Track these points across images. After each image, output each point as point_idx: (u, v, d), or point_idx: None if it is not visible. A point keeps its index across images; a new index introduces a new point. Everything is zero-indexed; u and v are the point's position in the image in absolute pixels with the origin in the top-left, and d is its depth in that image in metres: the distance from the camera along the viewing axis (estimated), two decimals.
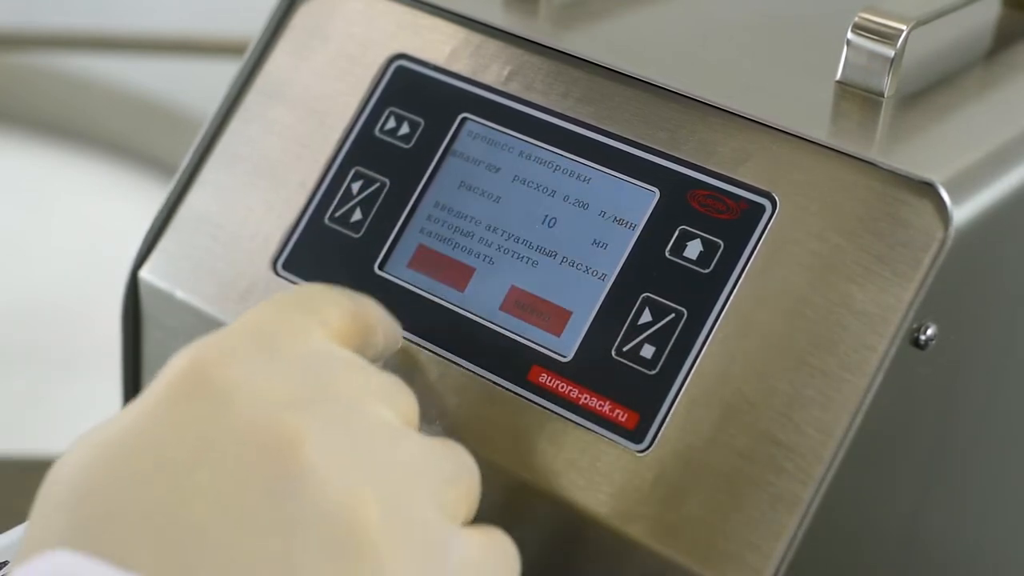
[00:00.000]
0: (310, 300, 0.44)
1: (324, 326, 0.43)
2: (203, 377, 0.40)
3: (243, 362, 0.40)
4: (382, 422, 0.41)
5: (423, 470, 0.41)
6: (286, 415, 0.39)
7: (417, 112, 0.54)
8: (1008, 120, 0.52)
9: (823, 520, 0.45)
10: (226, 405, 0.39)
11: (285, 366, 0.41)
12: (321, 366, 0.41)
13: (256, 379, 0.40)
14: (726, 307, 0.47)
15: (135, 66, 2.20)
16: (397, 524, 0.39)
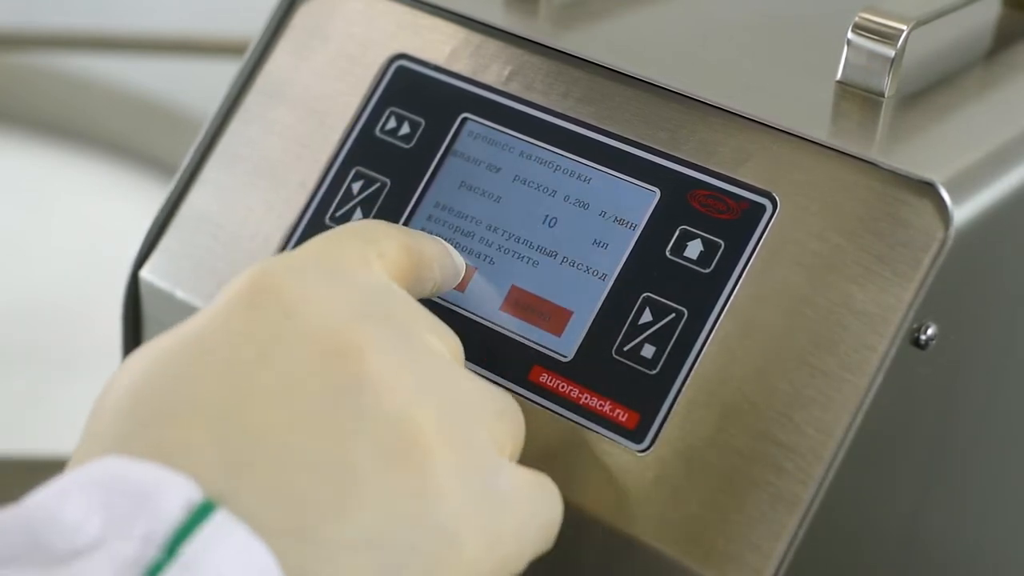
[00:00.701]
0: (369, 231, 0.45)
1: (382, 257, 0.44)
2: (268, 287, 0.40)
3: (308, 278, 0.41)
4: (436, 352, 0.42)
5: (477, 400, 0.42)
6: (350, 327, 0.40)
7: (417, 112, 0.54)
8: (1008, 120, 0.52)
9: (823, 520, 0.45)
10: (291, 313, 0.40)
11: (345, 288, 0.41)
12: (378, 293, 0.42)
13: (320, 294, 0.40)
14: (726, 307, 0.47)
15: (135, 66, 2.20)
16: (452, 440, 0.39)
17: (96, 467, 0.36)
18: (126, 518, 0.35)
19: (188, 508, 0.35)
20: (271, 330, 0.39)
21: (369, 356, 0.39)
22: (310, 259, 0.42)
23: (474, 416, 0.41)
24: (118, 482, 0.36)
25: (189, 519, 0.35)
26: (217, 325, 0.40)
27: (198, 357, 0.39)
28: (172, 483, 0.36)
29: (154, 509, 0.35)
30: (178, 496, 0.35)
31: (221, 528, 0.35)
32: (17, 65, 2.40)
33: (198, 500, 0.36)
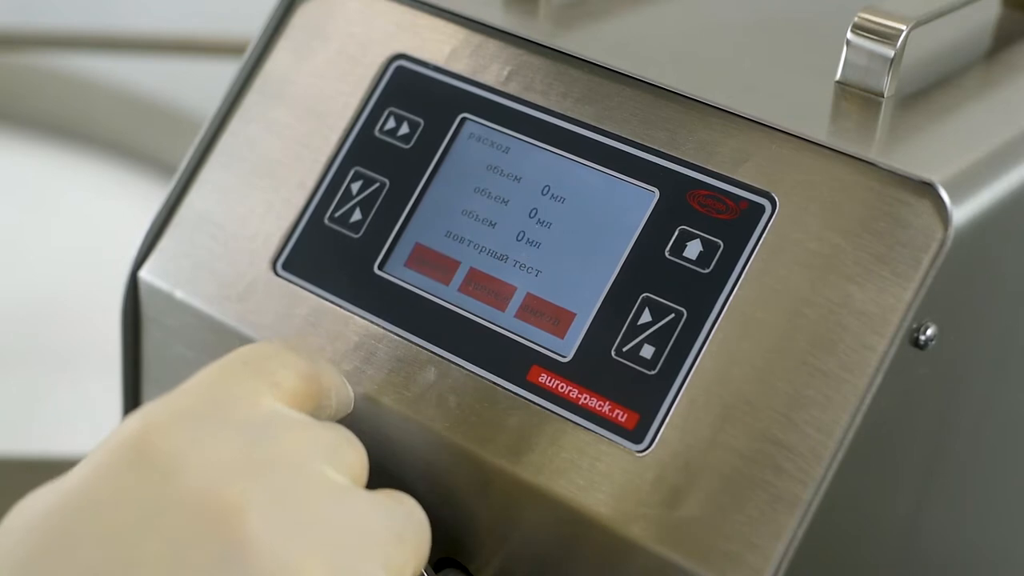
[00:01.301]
0: (264, 361, 0.44)
1: (276, 388, 0.43)
2: (149, 444, 0.40)
3: (190, 428, 0.40)
4: (328, 483, 0.41)
5: (370, 530, 0.41)
6: (230, 485, 0.39)
7: (417, 112, 0.54)
8: (1008, 120, 0.52)
9: (823, 520, 0.45)
10: (171, 474, 0.39)
11: (232, 432, 0.41)
12: (268, 430, 0.41)
13: (202, 446, 0.40)
14: (726, 307, 0.47)
15: (135, 66, 2.20)
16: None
17: None
18: None
19: None
20: (152, 494, 0.39)
21: (251, 517, 0.39)
22: (192, 403, 0.42)
23: (367, 549, 0.40)
24: None
25: None
26: (99, 487, 0.39)
27: (81, 522, 0.39)
28: None
29: None
30: None
31: None
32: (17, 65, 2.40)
33: None
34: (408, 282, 0.52)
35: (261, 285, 0.54)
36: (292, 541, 0.39)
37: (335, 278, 0.53)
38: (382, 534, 0.41)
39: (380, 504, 0.42)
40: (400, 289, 0.52)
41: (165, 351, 0.58)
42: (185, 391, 0.42)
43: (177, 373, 0.57)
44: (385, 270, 0.52)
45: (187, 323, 0.56)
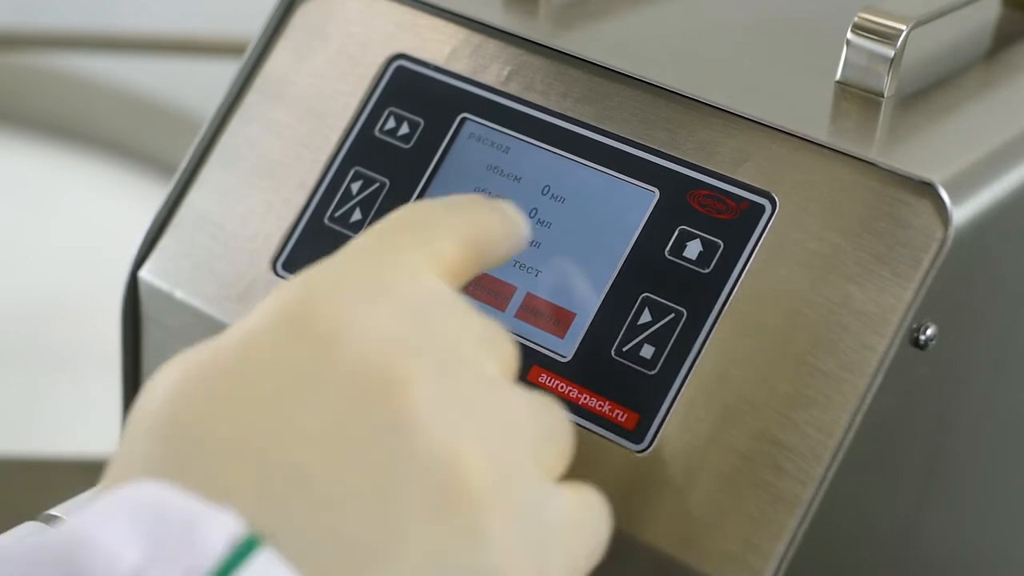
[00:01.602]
0: (424, 229, 0.42)
1: (436, 259, 0.41)
2: (309, 311, 0.39)
3: (352, 298, 0.39)
4: (486, 374, 0.40)
5: (524, 425, 0.40)
6: (394, 358, 0.38)
7: (417, 112, 0.54)
8: (1008, 120, 0.52)
9: (823, 520, 0.45)
10: (333, 344, 0.38)
11: (393, 307, 0.39)
12: (429, 310, 0.40)
13: (365, 318, 0.39)
14: (726, 307, 0.47)
15: (135, 66, 2.20)
16: (497, 477, 0.38)
17: (136, 492, 0.35)
18: (168, 549, 0.34)
19: (232, 544, 0.34)
20: (312, 363, 0.38)
21: (412, 393, 0.38)
22: (354, 272, 0.40)
23: (522, 446, 0.40)
24: (160, 511, 0.35)
25: (232, 555, 0.34)
26: (256, 351, 0.38)
27: (237, 382, 0.38)
28: (215, 517, 0.35)
29: (197, 542, 0.34)
30: (222, 530, 0.34)
31: (266, 567, 0.34)
32: (17, 65, 2.40)
33: (242, 535, 0.35)
34: None
35: (261, 285, 0.54)
36: (454, 421, 0.38)
37: None
38: (535, 431, 0.41)
39: (533, 401, 0.41)
40: None
41: (165, 351, 0.58)
42: (344, 259, 0.41)
43: None
44: None
45: (187, 323, 0.56)
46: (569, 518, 0.41)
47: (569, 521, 0.41)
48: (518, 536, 0.38)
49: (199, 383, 0.38)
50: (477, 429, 0.38)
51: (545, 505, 0.40)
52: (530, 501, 0.39)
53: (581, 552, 0.41)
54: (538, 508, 0.39)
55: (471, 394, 0.39)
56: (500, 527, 0.38)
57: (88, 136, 2.37)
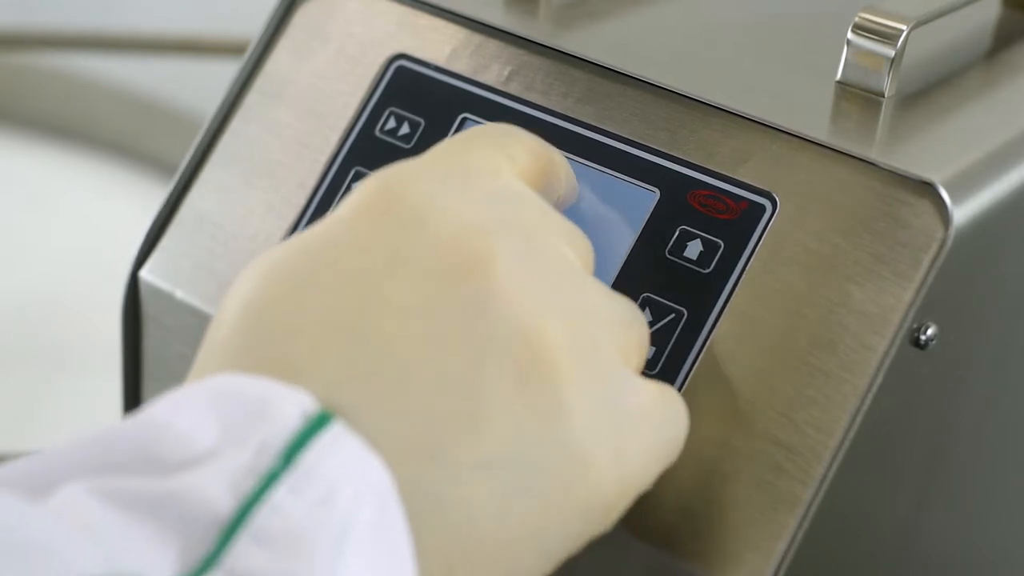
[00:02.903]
0: (500, 136, 0.44)
1: (512, 162, 0.43)
2: (395, 194, 0.39)
3: (435, 184, 0.40)
4: (567, 261, 0.41)
5: (604, 310, 0.41)
6: (479, 236, 0.39)
7: (417, 112, 0.54)
8: (1008, 120, 0.52)
9: (823, 520, 0.45)
10: (418, 221, 0.39)
11: (477, 194, 0.40)
12: (510, 200, 0.41)
13: (450, 200, 0.39)
14: (726, 307, 0.47)
15: (135, 66, 2.19)
16: (579, 354, 0.39)
17: (211, 381, 0.36)
18: (241, 427, 0.35)
19: (305, 418, 0.35)
20: (400, 239, 0.38)
21: (498, 269, 0.38)
22: (440, 165, 0.41)
23: (602, 329, 0.40)
24: (233, 394, 0.35)
25: (305, 429, 0.35)
26: (343, 232, 0.39)
27: (323, 265, 0.38)
28: (288, 394, 0.35)
29: (270, 419, 0.35)
30: (294, 406, 0.35)
31: (338, 439, 0.35)
32: (17, 65, 2.40)
33: (315, 411, 0.35)
34: None
35: None
36: (537, 298, 0.38)
37: None
38: (616, 317, 0.41)
39: (611, 292, 0.42)
40: None
41: (165, 351, 0.58)
42: (427, 157, 0.42)
43: (177, 373, 0.57)
44: None
45: (187, 323, 0.56)
46: (647, 407, 0.41)
47: (647, 409, 0.41)
48: (597, 414, 0.39)
49: (284, 267, 0.38)
50: (560, 306, 0.39)
51: (624, 389, 0.40)
52: (611, 384, 0.40)
53: (657, 442, 0.41)
54: (618, 390, 0.40)
55: (554, 275, 0.40)
56: (580, 402, 0.38)
57: (88, 136, 2.37)
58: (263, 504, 0.34)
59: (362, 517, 0.34)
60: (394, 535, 0.35)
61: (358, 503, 0.34)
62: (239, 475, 0.34)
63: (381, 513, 0.35)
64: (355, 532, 0.34)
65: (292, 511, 0.34)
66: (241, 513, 0.33)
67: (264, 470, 0.34)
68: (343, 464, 0.34)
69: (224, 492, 0.34)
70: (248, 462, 0.34)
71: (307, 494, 0.34)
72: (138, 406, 0.61)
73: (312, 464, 0.34)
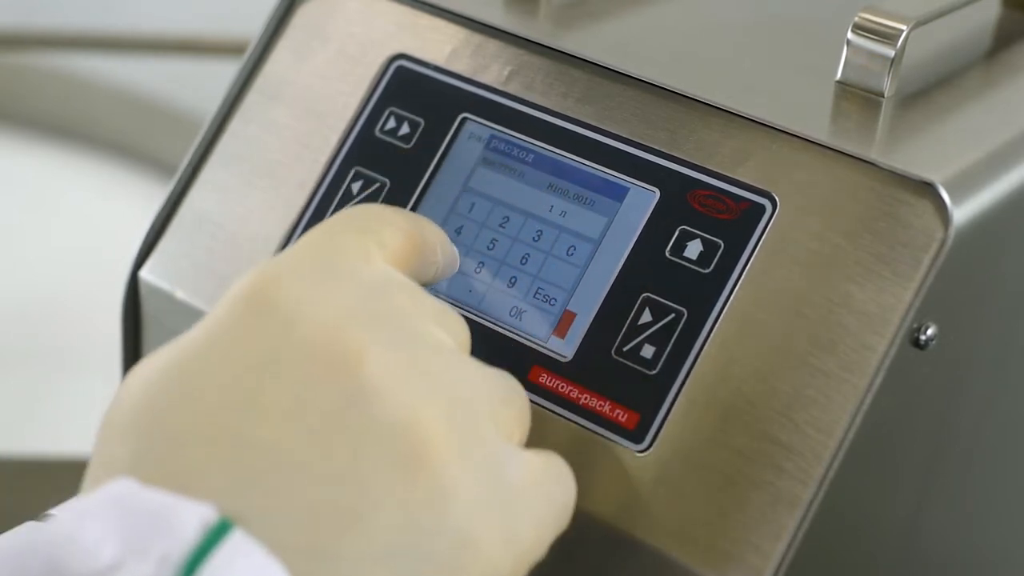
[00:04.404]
0: (368, 220, 0.44)
1: (381, 247, 0.43)
2: (266, 295, 0.40)
3: (305, 279, 0.40)
4: (440, 342, 0.41)
5: (480, 389, 0.41)
6: (349, 331, 0.39)
7: (417, 112, 0.54)
8: (1008, 120, 0.52)
9: (823, 520, 0.45)
10: (289, 322, 0.39)
11: (346, 286, 0.41)
12: (379, 288, 0.41)
13: (318, 295, 0.40)
14: (726, 307, 0.47)
15: (135, 66, 2.20)
16: (458, 438, 0.39)
17: (111, 490, 0.36)
18: (143, 540, 0.35)
19: (204, 529, 0.35)
20: (272, 341, 0.39)
21: (370, 361, 0.39)
22: (307, 257, 0.42)
23: (480, 409, 0.41)
24: (134, 506, 0.36)
25: (205, 540, 0.35)
26: (218, 337, 0.40)
27: (201, 373, 0.39)
28: (187, 505, 0.36)
29: (170, 530, 0.35)
30: (193, 517, 0.35)
31: (238, 548, 0.35)
32: (17, 65, 2.40)
33: (214, 520, 0.35)
34: None
35: None
36: (411, 388, 0.39)
37: None
38: (492, 395, 0.42)
39: (486, 369, 0.42)
40: None
41: None
42: (295, 249, 0.42)
43: None
44: None
45: (187, 323, 0.56)
46: (533, 479, 0.41)
47: (533, 482, 0.41)
48: (483, 496, 0.39)
49: (166, 376, 0.39)
50: (434, 394, 0.39)
51: (508, 466, 0.41)
52: (493, 461, 0.40)
53: (547, 514, 0.42)
54: (501, 468, 0.40)
55: (426, 362, 0.40)
56: (465, 487, 0.39)
57: (88, 136, 2.37)
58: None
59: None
60: None
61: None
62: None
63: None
64: None
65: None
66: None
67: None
68: (244, 573, 0.35)
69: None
70: (151, 574, 0.35)
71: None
72: None
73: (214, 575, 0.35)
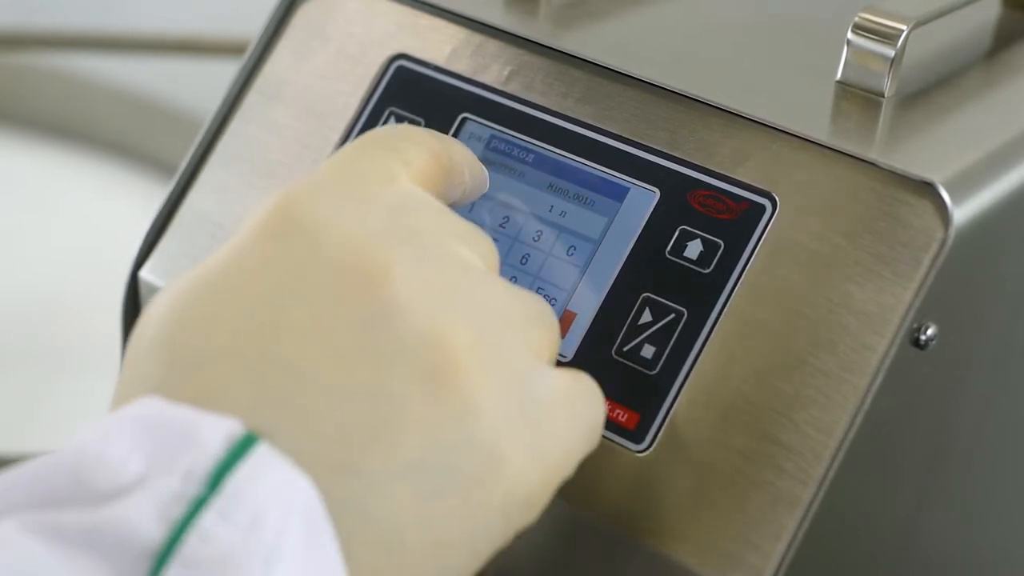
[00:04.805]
0: (394, 139, 0.44)
1: (407, 166, 0.43)
2: (291, 215, 0.40)
3: (330, 198, 0.40)
4: (467, 263, 0.41)
5: (509, 308, 0.41)
6: (374, 249, 0.39)
7: (417, 112, 0.54)
8: (1008, 120, 0.52)
9: (823, 520, 0.45)
10: (315, 241, 0.39)
11: (372, 205, 0.41)
12: (407, 206, 0.41)
13: (343, 216, 0.40)
14: (726, 307, 0.47)
15: (135, 66, 2.19)
16: (485, 354, 0.39)
17: (136, 408, 0.36)
18: (168, 454, 0.35)
19: (229, 442, 0.35)
20: (296, 260, 0.39)
21: (394, 280, 0.39)
22: (331, 178, 0.42)
23: (508, 326, 0.41)
24: (159, 423, 0.36)
25: (230, 453, 0.35)
26: (243, 257, 0.40)
27: (227, 293, 0.39)
28: (211, 420, 0.36)
29: (196, 445, 0.35)
30: (219, 431, 0.36)
31: (263, 461, 0.35)
32: (17, 65, 2.40)
33: (239, 434, 0.36)
34: None
35: None
36: (438, 305, 0.39)
37: None
38: (521, 313, 0.41)
39: (516, 289, 0.42)
40: None
41: None
42: (321, 169, 0.42)
43: None
44: None
45: None
46: (561, 397, 0.41)
47: (561, 400, 0.41)
48: (510, 411, 0.39)
49: (192, 297, 0.39)
50: (460, 310, 0.39)
51: (536, 382, 0.40)
52: (520, 378, 0.40)
53: (575, 433, 0.42)
54: (529, 385, 0.40)
55: (453, 278, 0.40)
56: (491, 402, 0.39)
57: (88, 136, 2.37)
58: (192, 531, 0.34)
59: (291, 537, 0.35)
60: (324, 552, 0.36)
61: (286, 524, 0.35)
62: (168, 502, 0.35)
63: (309, 531, 0.35)
64: (285, 553, 0.35)
65: (221, 536, 0.34)
66: (171, 541, 0.34)
67: (192, 496, 0.35)
68: (269, 486, 0.35)
69: (154, 521, 0.34)
70: (176, 489, 0.35)
71: (235, 518, 0.34)
72: None
73: (238, 488, 0.35)
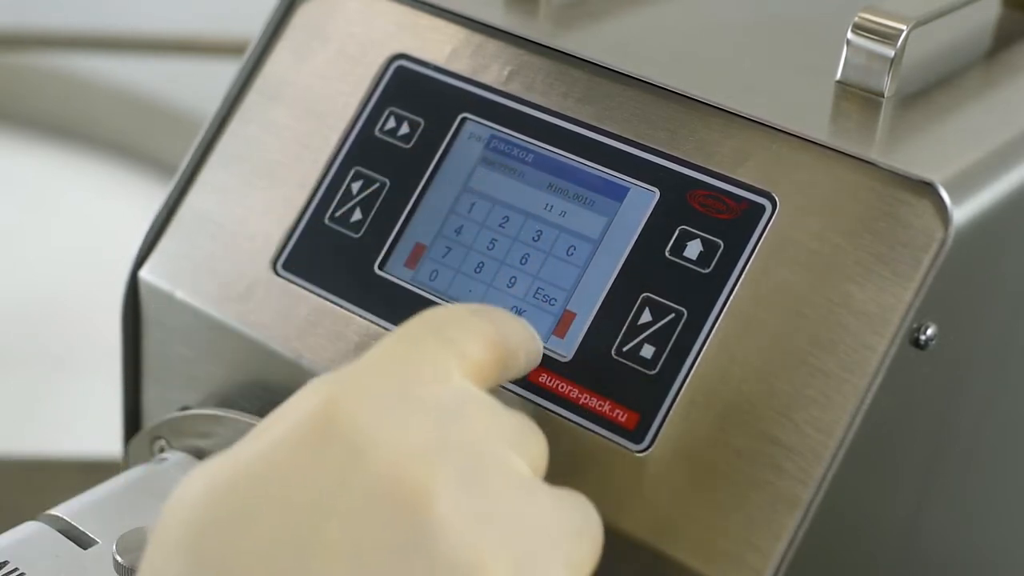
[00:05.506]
0: (450, 328, 0.42)
1: (462, 359, 0.41)
2: (334, 421, 0.38)
3: (376, 405, 0.39)
4: (514, 474, 0.40)
5: (552, 525, 0.40)
6: (418, 468, 0.38)
7: (417, 112, 0.54)
8: (1008, 120, 0.52)
9: (823, 520, 0.45)
10: (357, 455, 0.38)
11: (420, 412, 0.39)
12: (456, 412, 0.40)
13: (389, 426, 0.38)
14: (726, 307, 0.47)
15: (135, 66, 2.19)
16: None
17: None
18: None
19: None
20: (336, 472, 0.38)
21: (437, 503, 0.37)
22: (380, 374, 0.40)
23: (549, 545, 0.39)
24: None
25: None
26: (279, 463, 0.38)
27: (259, 498, 0.37)
28: None
29: None
30: None
31: None
32: (17, 65, 2.40)
33: None
34: (408, 282, 0.52)
35: (261, 285, 0.54)
36: (479, 532, 0.37)
37: (335, 278, 0.53)
38: (564, 529, 0.40)
39: (561, 499, 0.41)
40: (400, 289, 0.52)
41: (165, 351, 0.58)
42: (369, 363, 0.40)
43: (177, 373, 0.57)
44: (385, 270, 0.52)
45: (187, 323, 0.56)
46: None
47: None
48: None
49: (224, 496, 0.38)
50: (502, 536, 0.38)
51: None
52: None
53: None
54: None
55: (496, 499, 0.39)
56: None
57: (88, 136, 2.37)
58: None
59: None
60: None
61: None
62: None
63: None
64: None
65: None
66: None
67: None
68: None
69: None
70: None
71: None
72: (138, 406, 0.61)
73: None
